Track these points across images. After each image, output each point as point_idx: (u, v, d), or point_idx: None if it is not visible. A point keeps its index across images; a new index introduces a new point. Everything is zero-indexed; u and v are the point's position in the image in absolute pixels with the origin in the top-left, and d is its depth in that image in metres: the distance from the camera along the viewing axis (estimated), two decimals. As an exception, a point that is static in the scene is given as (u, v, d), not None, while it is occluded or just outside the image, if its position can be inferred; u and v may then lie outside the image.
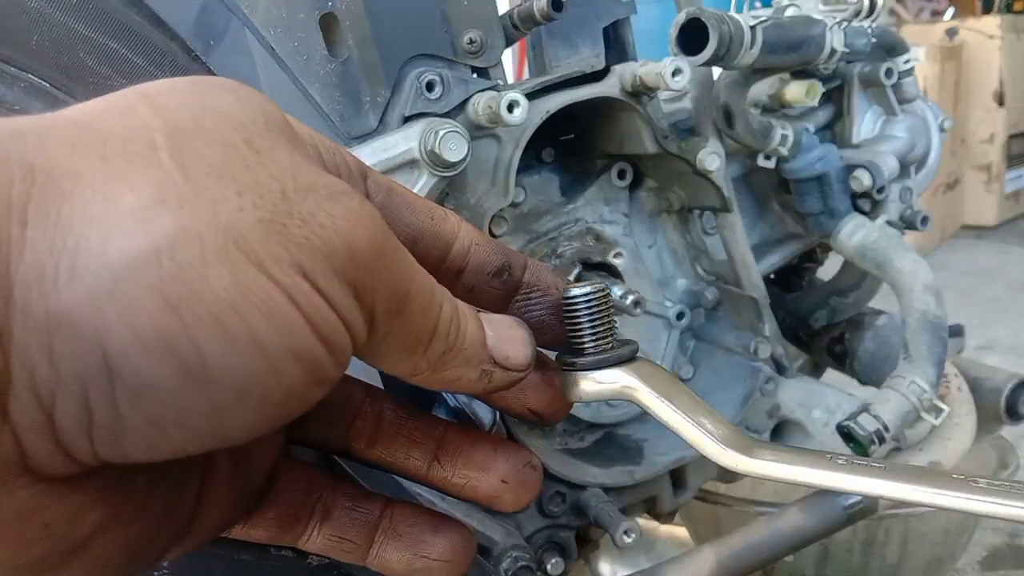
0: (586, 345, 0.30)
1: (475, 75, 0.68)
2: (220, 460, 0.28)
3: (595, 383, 0.30)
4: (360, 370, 0.29)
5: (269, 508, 0.30)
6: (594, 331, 0.30)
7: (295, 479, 0.31)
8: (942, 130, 0.93)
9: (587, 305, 0.30)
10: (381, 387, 0.33)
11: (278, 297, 0.21)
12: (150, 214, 0.20)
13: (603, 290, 0.31)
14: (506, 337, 0.28)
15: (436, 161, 0.61)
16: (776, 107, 0.89)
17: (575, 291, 0.30)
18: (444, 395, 0.61)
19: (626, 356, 0.30)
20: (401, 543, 0.30)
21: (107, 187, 0.20)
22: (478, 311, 0.29)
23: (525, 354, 0.29)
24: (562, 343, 0.32)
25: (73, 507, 0.22)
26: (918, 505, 0.24)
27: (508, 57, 1.07)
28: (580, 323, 0.30)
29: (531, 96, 0.67)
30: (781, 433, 0.85)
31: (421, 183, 0.61)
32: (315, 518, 0.31)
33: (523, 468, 0.31)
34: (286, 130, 0.24)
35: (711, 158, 0.76)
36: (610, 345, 0.30)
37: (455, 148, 0.61)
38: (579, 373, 0.30)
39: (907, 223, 0.89)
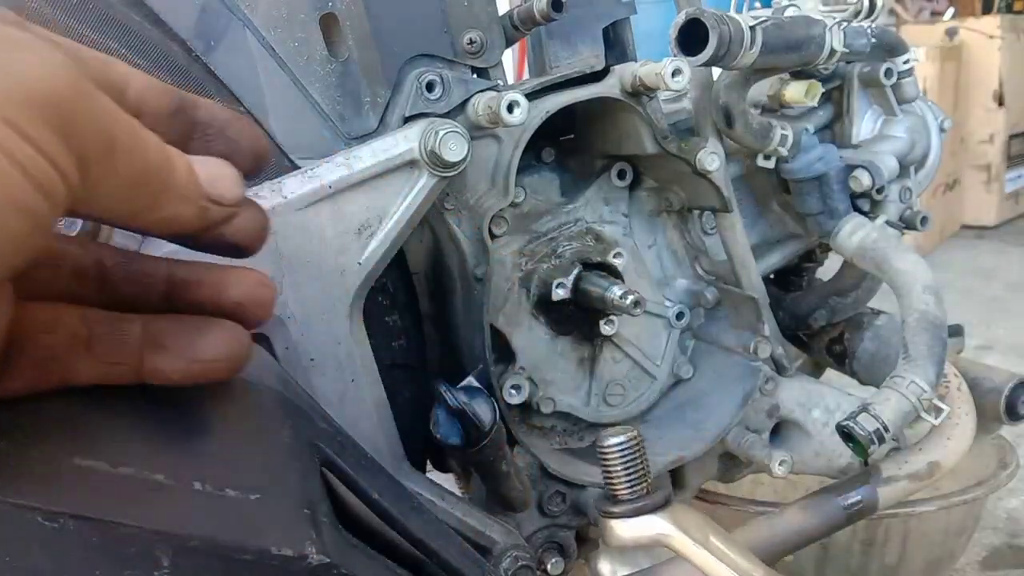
0: (620, 491, 0.31)
1: (475, 75, 0.68)
2: None
3: (632, 530, 0.31)
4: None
5: (20, 356, 0.30)
6: (628, 477, 0.31)
7: (38, 321, 0.31)
8: (942, 130, 0.93)
9: (621, 453, 0.31)
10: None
11: None
12: None
13: (636, 438, 0.32)
14: (216, 175, 0.30)
15: (436, 161, 0.61)
16: (776, 107, 0.89)
17: (611, 440, 0.31)
18: (444, 395, 0.61)
19: (660, 503, 0.31)
20: (170, 353, 0.31)
21: None
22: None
23: (237, 189, 0.30)
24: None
25: None
26: None
27: (508, 57, 1.07)
28: (615, 470, 0.31)
29: (531, 96, 0.67)
30: (781, 433, 0.85)
31: (421, 183, 0.61)
32: (76, 351, 0.31)
33: (257, 285, 0.32)
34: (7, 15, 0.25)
35: (711, 158, 0.76)
36: (644, 490, 0.31)
37: (455, 148, 0.61)
38: (615, 521, 0.30)
39: (907, 223, 0.89)
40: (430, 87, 0.65)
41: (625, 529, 0.30)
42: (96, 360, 0.31)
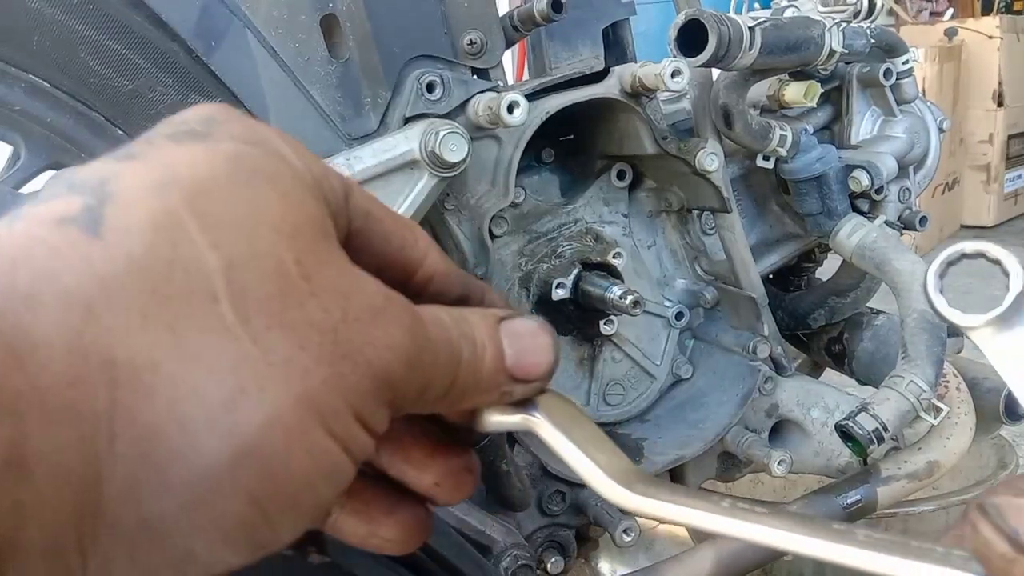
0: None
1: (475, 76, 0.68)
2: None
3: (499, 414, 0.30)
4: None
5: None
6: None
7: None
8: (941, 130, 0.93)
9: None
10: None
11: (337, 453, 0.23)
12: (234, 409, 0.21)
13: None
14: (528, 348, 0.28)
15: (436, 162, 0.61)
16: (775, 108, 0.89)
17: None
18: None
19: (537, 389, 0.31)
20: (358, 519, 0.31)
21: (186, 379, 0.21)
22: (500, 317, 0.29)
23: (548, 363, 0.29)
24: None
25: None
26: (793, 553, 0.24)
27: (508, 58, 1.07)
28: None
29: (531, 97, 0.68)
30: (780, 432, 0.86)
31: (421, 184, 0.62)
32: None
33: (458, 472, 0.31)
34: (321, 222, 0.24)
35: (710, 159, 0.76)
36: None
37: (455, 149, 0.61)
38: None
39: (906, 223, 0.90)
40: (430, 88, 0.65)
41: (493, 413, 0.30)
42: None
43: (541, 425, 0.29)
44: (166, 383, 0.20)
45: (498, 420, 0.30)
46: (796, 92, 0.85)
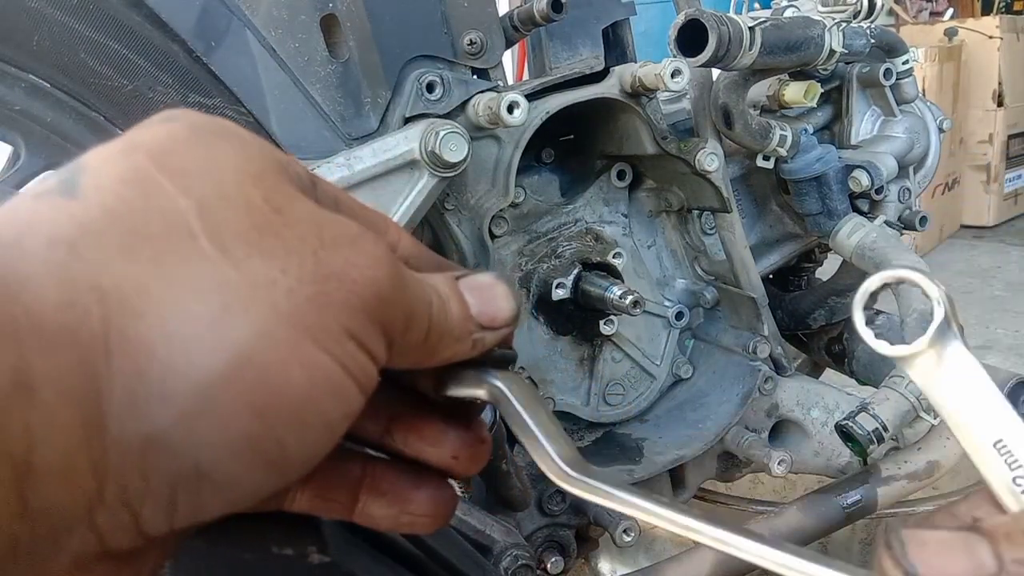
0: None
1: (475, 76, 0.68)
2: None
3: (468, 381, 0.31)
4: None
5: None
6: None
7: None
8: (941, 130, 0.93)
9: None
10: None
11: (337, 372, 0.23)
12: (222, 325, 0.22)
13: None
14: (488, 298, 0.29)
15: (436, 162, 0.61)
16: (775, 108, 0.89)
17: None
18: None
19: (501, 360, 0.31)
20: (385, 500, 0.31)
21: (172, 296, 0.22)
22: (456, 275, 0.30)
23: (508, 309, 0.30)
24: None
25: (139, 563, 0.24)
26: (719, 549, 0.24)
27: (508, 58, 1.07)
28: None
29: (531, 97, 0.68)
30: (780, 432, 0.86)
31: (421, 184, 0.62)
32: (296, 483, 0.31)
33: (473, 443, 0.32)
34: (288, 173, 0.26)
35: (710, 159, 0.76)
36: (489, 350, 0.31)
37: (455, 149, 0.61)
38: (457, 368, 0.31)
39: (905, 223, 0.90)
40: (430, 88, 0.65)
41: (462, 379, 0.31)
42: (313, 493, 0.31)
43: (502, 397, 0.30)
44: (154, 304, 0.21)
45: (467, 389, 0.31)
46: (796, 92, 0.85)
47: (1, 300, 0.20)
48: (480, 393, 0.31)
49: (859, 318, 0.25)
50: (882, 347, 0.25)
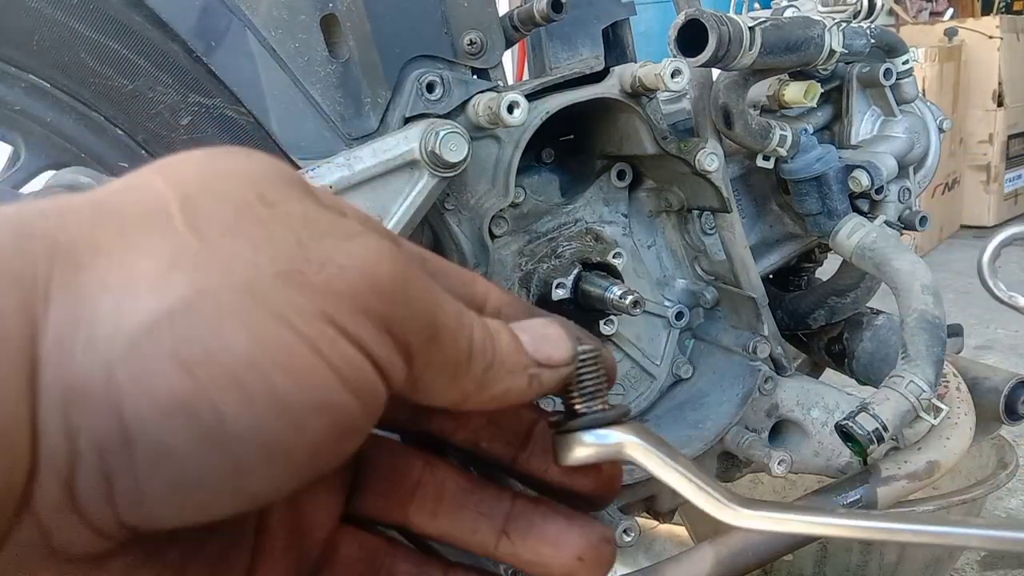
0: (576, 407, 0.29)
1: (475, 76, 0.68)
2: (274, 530, 0.27)
3: (591, 444, 0.29)
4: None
5: None
6: (582, 392, 0.29)
7: (354, 547, 0.30)
8: (941, 130, 0.93)
9: (577, 366, 0.29)
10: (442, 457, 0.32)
11: (300, 350, 0.21)
12: (164, 279, 0.20)
13: (594, 351, 0.30)
14: (542, 337, 0.28)
15: (436, 162, 0.61)
16: (775, 108, 0.89)
17: None
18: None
19: (621, 415, 0.30)
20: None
21: (123, 257, 0.21)
22: (506, 320, 0.28)
23: (565, 348, 0.28)
24: None
25: None
26: (911, 543, 0.25)
27: (508, 58, 1.07)
28: (569, 385, 0.29)
29: (531, 97, 0.68)
30: (780, 432, 0.86)
31: (421, 184, 0.62)
32: None
33: (599, 544, 0.29)
34: (301, 183, 0.24)
35: (710, 159, 0.76)
36: (602, 407, 0.29)
37: (455, 149, 0.61)
38: (574, 435, 0.29)
39: (905, 223, 0.90)
40: (430, 88, 0.65)
41: (585, 443, 0.29)
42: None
43: (640, 449, 0.28)
44: (103, 260, 0.20)
45: (590, 451, 0.29)
46: (796, 92, 0.85)
47: None
48: (609, 452, 0.29)
49: (988, 271, 0.25)
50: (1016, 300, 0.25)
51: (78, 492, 0.20)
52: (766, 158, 0.84)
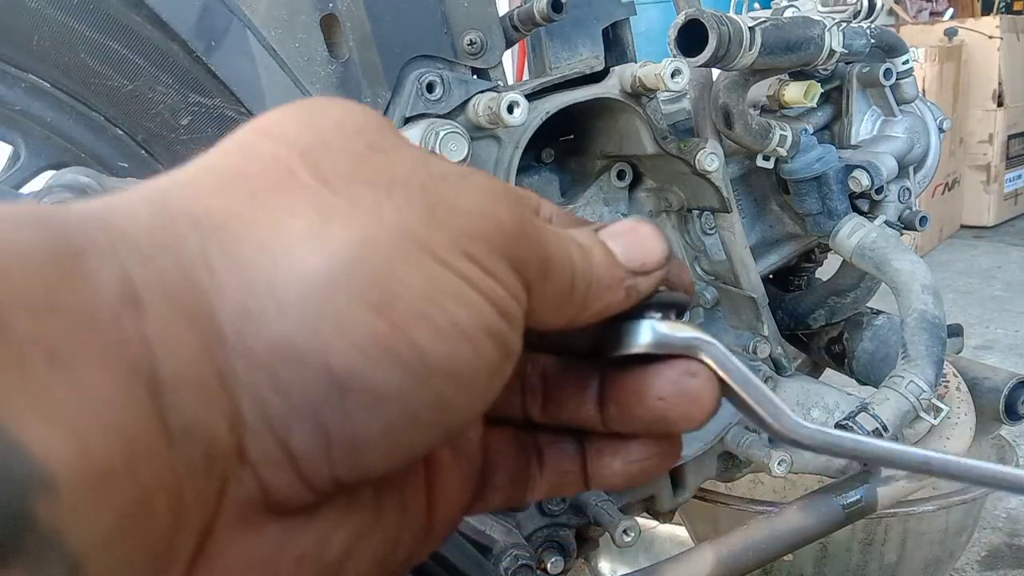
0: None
1: (475, 76, 0.68)
2: (439, 453, 0.28)
3: (663, 330, 0.27)
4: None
5: (494, 475, 0.31)
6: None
7: (500, 441, 0.31)
8: (941, 130, 0.93)
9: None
10: None
11: (460, 283, 0.22)
12: (323, 233, 0.21)
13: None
14: (632, 243, 0.28)
15: (436, 162, 0.61)
16: (775, 108, 0.89)
17: None
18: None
19: (671, 305, 0.29)
20: (608, 459, 0.31)
21: (270, 220, 0.21)
22: (596, 228, 0.29)
23: (657, 250, 0.28)
24: None
25: (318, 534, 0.23)
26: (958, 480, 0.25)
27: (508, 58, 1.07)
28: None
29: (531, 97, 0.68)
30: (780, 433, 0.86)
31: (421, 183, 0.62)
32: (533, 466, 0.31)
33: (678, 378, 0.28)
34: (393, 128, 0.25)
35: (710, 158, 0.76)
36: (650, 297, 0.29)
37: (455, 149, 0.61)
38: (643, 320, 0.28)
39: (905, 223, 0.90)
40: (430, 88, 0.65)
41: (657, 329, 0.28)
42: (550, 472, 0.31)
43: (712, 346, 0.28)
44: (249, 225, 0.21)
45: (662, 337, 0.28)
46: (796, 92, 0.85)
47: (94, 223, 0.20)
48: (684, 338, 0.28)
49: None
50: None
51: (295, 448, 0.21)
52: (766, 158, 0.84)
